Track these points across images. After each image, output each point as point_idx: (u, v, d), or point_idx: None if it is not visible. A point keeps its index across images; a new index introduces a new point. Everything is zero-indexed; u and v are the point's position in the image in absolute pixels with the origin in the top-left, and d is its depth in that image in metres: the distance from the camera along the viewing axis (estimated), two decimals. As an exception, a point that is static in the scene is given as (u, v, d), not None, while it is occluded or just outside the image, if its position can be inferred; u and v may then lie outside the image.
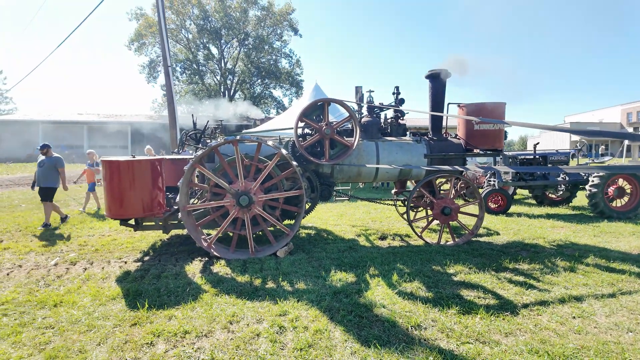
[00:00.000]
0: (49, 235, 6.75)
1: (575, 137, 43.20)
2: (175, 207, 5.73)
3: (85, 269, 4.91)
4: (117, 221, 7.14)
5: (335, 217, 8.51)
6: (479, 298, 3.90)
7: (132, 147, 34.87)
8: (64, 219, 7.94)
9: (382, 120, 6.70)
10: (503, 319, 3.41)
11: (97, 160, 9.59)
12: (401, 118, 6.79)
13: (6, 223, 7.78)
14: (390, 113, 6.85)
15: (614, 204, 8.54)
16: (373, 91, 6.52)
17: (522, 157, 9.90)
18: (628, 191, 8.51)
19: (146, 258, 5.40)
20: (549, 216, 8.58)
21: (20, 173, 22.31)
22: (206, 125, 6.23)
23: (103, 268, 4.95)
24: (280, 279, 4.40)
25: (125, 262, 5.19)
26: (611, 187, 8.50)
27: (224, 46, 44.68)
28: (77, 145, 34.16)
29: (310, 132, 6.14)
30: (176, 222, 5.71)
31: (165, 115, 40.52)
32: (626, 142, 16.57)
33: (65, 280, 4.48)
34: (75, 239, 6.50)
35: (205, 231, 6.24)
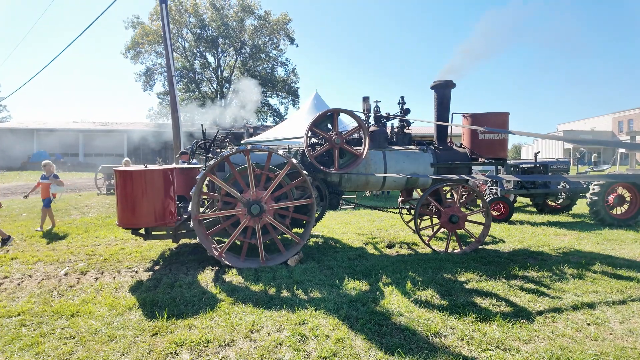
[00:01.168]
0: (55, 245, 6.71)
1: (569, 145, 43.79)
2: (186, 216, 5.74)
3: (97, 279, 4.89)
4: (123, 230, 7.21)
5: (340, 225, 8.56)
6: (493, 305, 3.95)
7: (128, 155, 34.74)
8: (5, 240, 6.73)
9: (388, 130, 6.79)
10: (520, 326, 3.47)
11: (54, 172, 8.47)
12: (407, 127, 6.89)
13: (10, 232, 7.70)
14: (396, 123, 6.95)
15: (614, 212, 8.68)
16: (380, 101, 6.62)
17: (524, 165, 10.06)
18: (628, 199, 8.66)
19: (156, 267, 5.40)
20: (550, 224, 8.69)
21: (15, 181, 22.11)
22: (216, 135, 6.27)
23: (114, 278, 4.94)
24: (294, 288, 4.42)
25: (136, 272, 5.18)
26: (611, 195, 8.65)
27: (220, 55, 44.92)
28: (73, 154, 33.98)
29: (318, 141, 6.21)
30: (186, 231, 5.74)
31: (161, 123, 40.58)
32: (620, 150, 16.85)
33: (78, 290, 4.46)
34: (82, 248, 6.47)
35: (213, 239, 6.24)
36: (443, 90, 6.59)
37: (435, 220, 7.18)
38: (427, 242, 6.19)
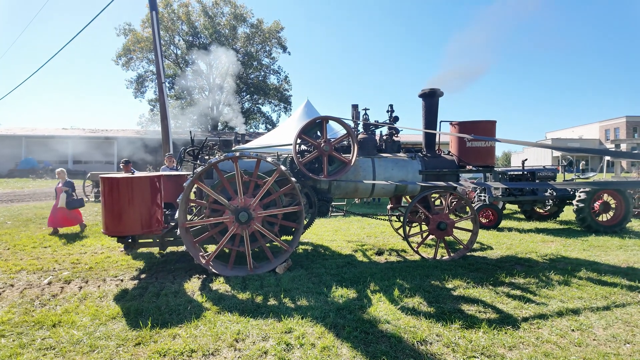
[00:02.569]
0: (40, 253, 6.59)
1: (557, 153, 44.43)
2: (173, 224, 5.69)
3: (81, 288, 4.81)
4: (110, 238, 7.12)
5: (330, 232, 8.54)
6: (479, 312, 3.96)
7: (118, 162, 34.40)
8: None
9: (377, 138, 6.83)
10: (505, 333, 3.48)
11: None
12: (395, 135, 6.94)
13: (-7, 241, 7.56)
14: (385, 130, 7.00)
15: (600, 219, 8.81)
16: (369, 109, 6.67)
17: (512, 173, 10.17)
18: (613, 206, 8.79)
19: (143, 276, 5.32)
20: (538, 230, 8.78)
21: (1, 189, 21.70)
22: (204, 142, 6.25)
23: (99, 286, 4.86)
24: (282, 296, 4.39)
25: (122, 280, 5.11)
26: (597, 202, 8.77)
27: (212, 62, 44.93)
28: (62, 161, 33.51)
29: (307, 148, 6.22)
30: (173, 239, 5.69)
31: (152, 130, 40.30)
32: (607, 158, 17.18)
33: (61, 300, 4.38)
34: (67, 256, 6.36)
35: (200, 247, 6.18)
36: (431, 99, 6.67)
37: (424, 227, 7.22)
38: (415, 249, 6.21)
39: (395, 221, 8.04)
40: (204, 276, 5.19)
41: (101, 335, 3.43)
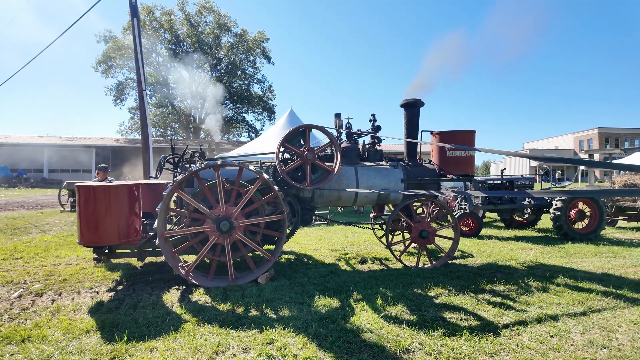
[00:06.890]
0: (10, 265, 6.31)
1: (535, 163, 45.70)
2: (152, 233, 5.55)
3: (54, 301, 4.61)
4: (86, 249, 6.89)
5: (313, 241, 8.50)
6: (461, 320, 3.98)
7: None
8: None
9: (360, 146, 6.88)
10: (487, 340, 3.50)
11: None
12: (378, 144, 7.00)
13: (-40, 252, 7.21)
14: (367, 139, 7.05)
15: (575, 226, 9.05)
16: (351, 118, 6.72)
17: (491, 181, 10.38)
18: (588, 214, 9.06)
19: (119, 287, 5.16)
20: (517, 238, 8.95)
21: (-29, 198, 20.82)
22: (185, 150, 6.16)
23: (73, 299, 4.68)
24: (263, 306, 4.32)
25: (97, 292, 4.93)
26: (573, 210, 9.03)
27: (195, 70, 44.62)
28: (37, 170, 32.54)
29: (290, 157, 6.20)
30: (152, 249, 5.54)
31: (132, 138, 39.63)
32: (581, 167, 17.80)
33: (32, 314, 4.19)
34: (40, 268, 6.11)
35: (180, 258, 6.05)
36: (412, 109, 6.77)
37: (407, 236, 7.26)
38: (398, 258, 6.23)
39: (378, 229, 8.08)
40: (184, 287, 5.07)
41: (74, 350, 3.29)
